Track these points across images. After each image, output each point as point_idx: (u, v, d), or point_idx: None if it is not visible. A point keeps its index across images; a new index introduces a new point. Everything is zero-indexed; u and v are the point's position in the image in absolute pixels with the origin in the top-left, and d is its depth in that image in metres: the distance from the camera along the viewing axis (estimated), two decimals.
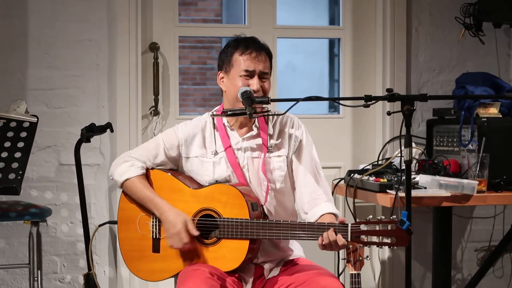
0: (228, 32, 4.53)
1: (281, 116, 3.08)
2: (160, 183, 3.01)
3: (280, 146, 3.04)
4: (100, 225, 3.52)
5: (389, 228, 2.69)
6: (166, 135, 3.10)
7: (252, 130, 3.03)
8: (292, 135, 3.06)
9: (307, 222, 2.84)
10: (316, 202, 2.99)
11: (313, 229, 2.79)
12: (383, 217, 2.73)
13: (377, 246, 2.75)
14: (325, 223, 2.81)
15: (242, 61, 3.00)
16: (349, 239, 2.73)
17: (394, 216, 2.75)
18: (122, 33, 3.89)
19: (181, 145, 3.06)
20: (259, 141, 3.02)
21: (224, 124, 3.04)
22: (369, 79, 4.24)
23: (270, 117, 3.06)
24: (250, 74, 2.99)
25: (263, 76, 3.00)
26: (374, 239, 2.70)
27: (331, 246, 2.74)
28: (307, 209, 3.00)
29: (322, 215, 2.94)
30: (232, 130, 3.04)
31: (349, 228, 2.73)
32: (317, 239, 2.76)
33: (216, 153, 3.02)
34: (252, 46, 3.02)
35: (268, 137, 3.03)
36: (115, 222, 3.16)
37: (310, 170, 3.04)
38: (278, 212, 3.00)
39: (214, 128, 3.05)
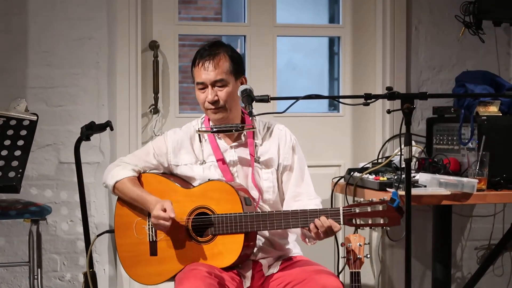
0: (228, 31, 4.54)
1: (271, 128, 3.09)
2: (153, 185, 3.02)
3: (269, 158, 3.04)
4: (98, 235, 3.48)
5: (380, 208, 2.73)
6: (156, 142, 3.13)
7: (240, 139, 3.04)
8: (281, 147, 3.06)
9: (299, 210, 2.84)
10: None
11: (305, 216, 2.81)
12: (374, 198, 2.75)
13: (370, 228, 2.77)
14: (317, 209, 2.84)
15: (196, 74, 3.02)
16: (341, 223, 2.76)
17: (385, 197, 2.76)
18: (122, 32, 3.88)
19: (169, 153, 3.08)
20: (246, 150, 3.03)
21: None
22: (369, 77, 4.24)
23: (260, 128, 3.07)
24: (203, 86, 2.99)
25: (217, 84, 2.97)
26: (367, 221, 2.73)
27: (326, 233, 2.76)
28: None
29: None
30: (220, 139, 3.05)
31: (341, 211, 2.76)
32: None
33: (204, 162, 3.03)
34: (201, 56, 2.99)
35: (256, 148, 3.03)
36: (113, 231, 3.14)
37: (298, 183, 3.05)
38: None
39: (200, 141, 3.06)
